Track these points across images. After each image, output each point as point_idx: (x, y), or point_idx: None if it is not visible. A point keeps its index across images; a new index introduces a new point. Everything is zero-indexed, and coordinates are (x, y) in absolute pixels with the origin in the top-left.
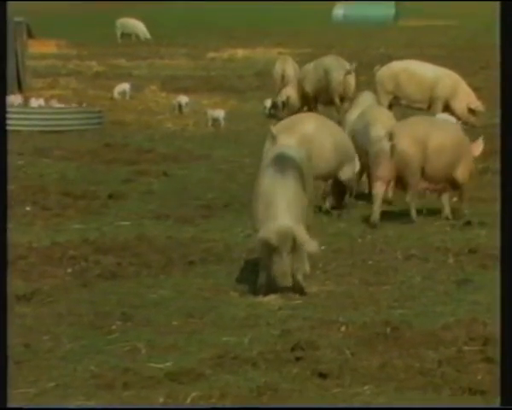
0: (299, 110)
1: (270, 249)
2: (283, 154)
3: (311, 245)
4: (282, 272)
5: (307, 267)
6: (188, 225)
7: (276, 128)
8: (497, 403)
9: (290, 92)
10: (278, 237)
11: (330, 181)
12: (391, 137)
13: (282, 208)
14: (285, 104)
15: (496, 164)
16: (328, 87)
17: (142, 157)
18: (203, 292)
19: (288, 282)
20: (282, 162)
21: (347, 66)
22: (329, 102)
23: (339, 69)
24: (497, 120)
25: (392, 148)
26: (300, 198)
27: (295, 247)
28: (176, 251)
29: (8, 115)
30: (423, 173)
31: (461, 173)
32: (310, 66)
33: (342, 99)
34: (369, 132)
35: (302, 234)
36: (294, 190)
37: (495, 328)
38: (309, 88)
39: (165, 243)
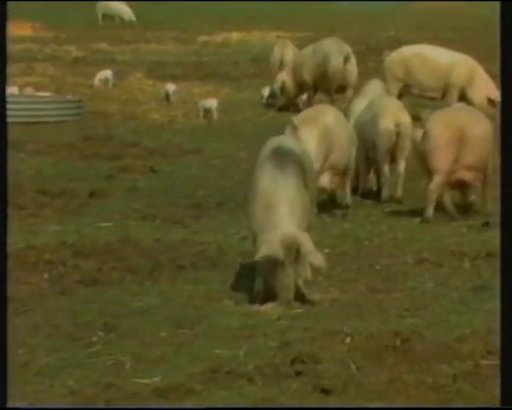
0: (296, 98)
1: (271, 261)
2: (282, 147)
3: (316, 258)
4: (285, 285)
5: (309, 273)
6: (177, 227)
7: (296, 119)
8: None
9: (285, 77)
10: (283, 250)
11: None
12: (423, 124)
13: (285, 213)
14: (283, 91)
15: None
16: (326, 74)
17: (127, 151)
18: (194, 300)
19: (291, 295)
20: (282, 156)
21: (349, 50)
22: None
23: (338, 55)
24: None
25: (424, 135)
26: (302, 196)
27: (299, 255)
28: (164, 255)
29: None
30: (461, 163)
31: (492, 166)
32: (308, 49)
33: (344, 88)
34: (377, 124)
35: (308, 244)
36: (296, 188)
37: None
38: (307, 75)
39: (152, 245)
